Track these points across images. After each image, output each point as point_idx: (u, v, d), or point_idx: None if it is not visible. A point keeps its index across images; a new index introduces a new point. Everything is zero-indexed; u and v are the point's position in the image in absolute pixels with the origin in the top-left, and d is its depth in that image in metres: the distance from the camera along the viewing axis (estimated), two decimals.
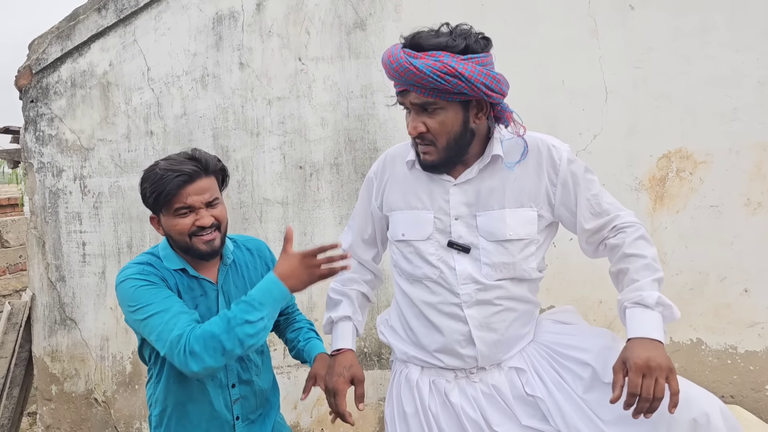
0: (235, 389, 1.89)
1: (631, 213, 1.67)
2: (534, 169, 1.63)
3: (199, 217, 1.75)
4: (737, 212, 2.62)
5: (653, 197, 2.72)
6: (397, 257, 1.75)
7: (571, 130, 2.78)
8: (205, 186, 1.77)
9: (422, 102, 1.52)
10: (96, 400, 3.59)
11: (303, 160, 3.16)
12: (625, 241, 1.59)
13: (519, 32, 2.82)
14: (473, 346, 1.61)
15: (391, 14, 2.98)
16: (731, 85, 2.59)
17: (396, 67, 1.48)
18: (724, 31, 2.58)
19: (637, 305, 1.50)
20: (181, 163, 1.75)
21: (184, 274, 1.84)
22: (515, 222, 1.60)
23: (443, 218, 1.65)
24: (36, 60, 3.52)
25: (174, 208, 1.74)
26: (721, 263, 2.65)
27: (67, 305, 3.57)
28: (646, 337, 1.43)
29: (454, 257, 1.63)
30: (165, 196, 1.72)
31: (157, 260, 1.82)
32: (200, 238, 1.76)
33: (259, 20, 3.17)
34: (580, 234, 1.68)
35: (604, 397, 1.49)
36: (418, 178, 1.70)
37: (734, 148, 2.61)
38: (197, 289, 1.85)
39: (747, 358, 2.65)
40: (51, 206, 3.56)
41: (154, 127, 3.37)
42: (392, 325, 1.81)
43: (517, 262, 1.60)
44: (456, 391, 1.65)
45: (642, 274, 1.54)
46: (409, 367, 1.73)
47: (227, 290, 1.89)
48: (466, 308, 1.61)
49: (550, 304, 2.86)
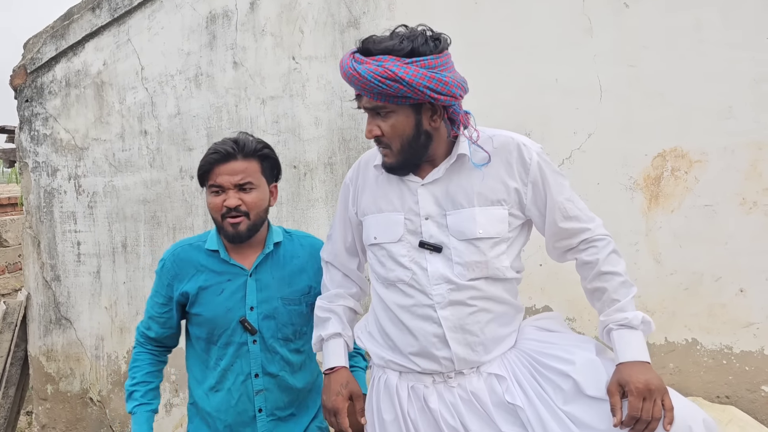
0: (258, 379, 1.89)
1: (600, 223, 1.68)
2: (504, 168, 1.63)
3: (227, 197, 1.80)
4: (732, 212, 2.60)
5: (648, 196, 2.70)
6: (372, 261, 1.74)
7: (564, 129, 2.76)
8: (239, 168, 1.80)
9: (373, 106, 1.54)
10: (91, 399, 3.59)
11: (297, 159, 3.15)
12: (599, 258, 1.61)
13: (512, 30, 2.80)
14: (448, 348, 1.59)
15: (384, 12, 2.96)
16: (726, 83, 2.56)
17: (343, 73, 1.53)
18: (719, 28, 2.55)
19: (623, 327, 1.55)
20: (223, 143, 1.82)
21: (217, 257, 1.91)
22: (485, 220, 1.60)
23: (413, 219, 1.64)
24: (31, 59, 3.52)
25: (209, 185, 1.83)
26: (716, 263, 2.63)
27: (62, 305, 3.57)
28: (637, 360, 1.49)
29: (426, 257, 1.62)
30: (202, 172, 1.83)
31: (199, 242, 1.96)
32: (228, 220, 1.81)
33: (253, 19, 3.16)
34: (548, 236, 1.69)
35: (586, 409, 1.49)
36: (389, 181, 1.70)
37: (729, 147, 2.58)
38: (226, 273, 1.90)
39: (742, 358, 2.63)
40: (46, 206, 3.56)
41: (148, 126, 3.36)
42: (369, 331, 1.79)
43: (489, 261, 1.59)
44: (435, 396, 1.62)
45: (621, 293, 1.58)
46: (387, 373, 1.71)
47: (260, 278, 1.91)
48: (440, 309, 1.59)
49: (545, 304, 2.84)
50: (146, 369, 1.98)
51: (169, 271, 1.94)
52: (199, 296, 1.89)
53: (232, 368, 1.88)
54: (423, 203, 1.64)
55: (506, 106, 2.81)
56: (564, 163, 2.77)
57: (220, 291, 1.88)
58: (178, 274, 1.92)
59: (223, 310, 1.87)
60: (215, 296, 1.88)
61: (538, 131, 2.79)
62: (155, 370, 2.00)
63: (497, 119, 2.80)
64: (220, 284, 1.89)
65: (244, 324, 1.86)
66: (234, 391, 1.88)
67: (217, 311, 1.87)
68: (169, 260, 1.95)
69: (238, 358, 1.88)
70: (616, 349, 1.54)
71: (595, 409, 1.48)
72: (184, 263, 1.92)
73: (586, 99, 2.72)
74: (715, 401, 2.67)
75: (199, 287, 1.89)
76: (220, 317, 1.87)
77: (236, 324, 1.87)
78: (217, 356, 1.90)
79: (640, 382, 1.44)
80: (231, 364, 1.88)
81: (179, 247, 1.97)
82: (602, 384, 1.49)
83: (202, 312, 1.89)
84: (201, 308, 1.89)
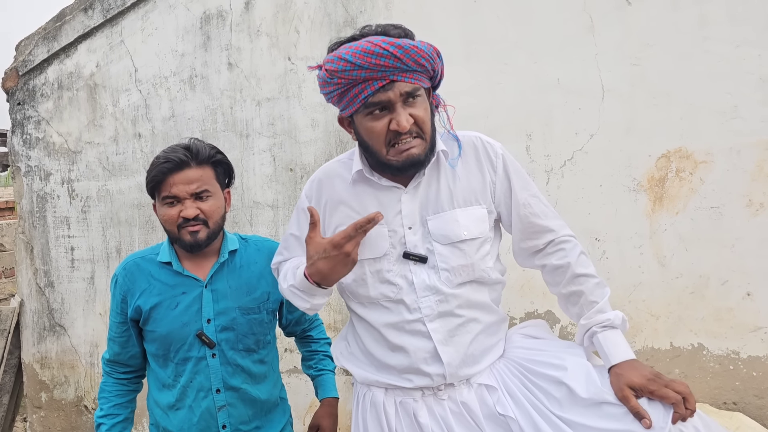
0: (220, 395, 1.81)
1: (564, 223, 1.65)
2: (475, 166, 1.59)
3: (183, 208, 1.73)
4: (739, 213, 2.54)
5: (652, 198, 2.63)
6: (348, 281, 1.61)
7: (567, 129, 2.70)
8: (194, 176, 1.72)
9: (411, 89, 1.44)
10: (86, 407, 3.53)
11: (293, 162, 3.09)
12: (570, 262, 1.59)
13: (513, 29, 2.74)
14: (440, 363, 1.52)
15: (382, 12, 2.90)
16: (732, 82, 2.50)
17: (392, 51, 1.38)
18: (725, 25, 2.49)
19: (606, 328, 1.53)
20: (173, 151, 1.73)
21: (169, 270, 1.82)
22: (468, 221, 1.55)
23: (397, 230, 1.55)
24: (23, 62, 3.46)
25: (162, 196, 1.74)
26: (722, 266, 2.57)
27: (56, 311, 3.51)
28: (628, 359, 1.48)
29: (410, 269, 1.54)
30: (153, 183, 1.74)
31: (151, 254, 1.87)
32: (186, 229, 1.74)
33: (248, 19, 3.10)
34: (514, 235, 1.66)
35: (583, 412, 1.43)
36: (363, 193, 1.58)
37: (735, 148, 2.52)
38: (179, 286, 1.81)
39: (750, 363, 2.57)
40: (39, 210, 3.50)
41: (142, 129, 3.30)
42: (351, 352, 1.69)
43: (474, 263, 1.54)
44: (424, 410, 1.55)
45: (597, 294, 1.57)
46: (373, 390, 1.63)
47: (216, 288, 1.83)
48: (429, 322, 1.53)
49: (547, 308, 2.78)
50: (114, 401, 1.89)
51: (122, 286, 1.84)
52: (153, 312, 1.80)
53: (192, 384, 1.80)
54: (406, 211, 1.55)
55: (507, 106, 2.75)
56: (566, 165, 2.71)
57: (175, 305, 1.79)
58: (130, 289, 1.82)
59: (178, 324, 1.78)
60: (170, 310, 1.79)
61: (539, 132, 2.73)
62: (124, 401, 1.91)
63: (498, 120, 2.75)
64: (174, 297, 1.80)
65: (202, 338, 1.78)
66: (195, 408, 1.80)
67: (172, 326, 1.78)
68: (120, 275, 1.85)
69: (197, 374, 1.80)
70: (605, 351, 1.51)
71: (593, 411, 1.43)
72: (135, 277, 1.83)
73: (589, 99, 2.66)
74: (722, 408, 2.61)
75: (152, 302, 1.80)
76: (176, 332, 1.78)
77: (193, 338, 1.78)
78: (175, 373, 1.81)
79: (649, 377, 1.41)
80: (190, 381, 1.80)
81: (130, 261, 1.87)
82: (596, 387, 1.45)
83: (156, 328, 1.80)
84: (155, 324, 1.80)
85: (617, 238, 2.67)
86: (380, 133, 1.46)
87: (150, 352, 1.86)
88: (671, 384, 1.39)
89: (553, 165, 2.72)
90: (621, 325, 1.54)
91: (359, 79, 1.41)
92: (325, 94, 1.52)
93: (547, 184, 2.72)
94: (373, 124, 1.46)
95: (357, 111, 1.48)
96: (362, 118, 1.48)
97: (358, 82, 1.42)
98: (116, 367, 1.91)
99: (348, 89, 1.45)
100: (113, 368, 1.92)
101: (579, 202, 2.70)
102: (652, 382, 1.39)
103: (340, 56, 1.41)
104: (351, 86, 1.44)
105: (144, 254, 1.88)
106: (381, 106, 1.44)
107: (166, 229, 1.78)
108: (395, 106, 1.44)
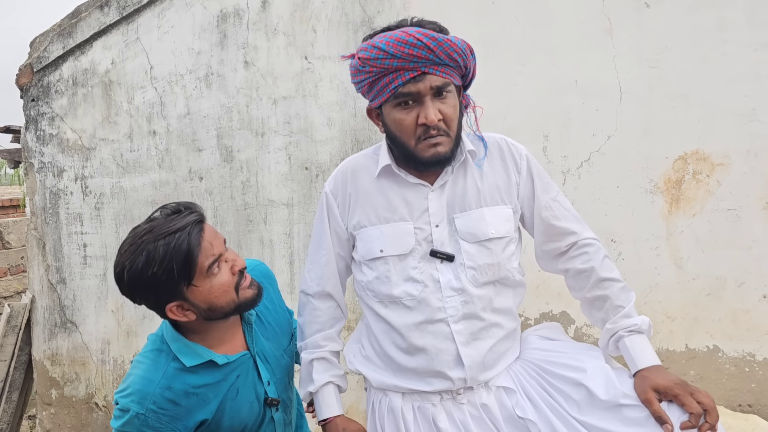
0: None
1: (587, 226, 1.65)
2: (501, 166, 1.60)
3: (231, 263, 1.47)
4: (756, 215, 2.55)
5: (669, 200, 2.64)
6: (370, 279, 1.58)
7: (584, 131, 2.71)
8: (213, 229, 1.49)
9: (442, 83, 1.43)
10: (97, 404, 3.52)
11: (309, 160, 3.09)
12: (594, 266, 1.58)
13: (531, 31, 2.75)
14: (461, 366, 1.50)
15: (399, 11, 2.91)
16: (750, 85, 2.51)
17: (426, 43, 1.37)
18: (743, 28, 2.50)
19: (633, 333, 1.52)
20: (172, 221, 1.40)
21: (210, 367, 1.50)
22: (495, 219, 1.54)
23: (424, 227, 1.54)
24: (37, 58, 3.47)
25: (206, 267, 1.40)
26: (739, 268, 2.57)
27: (68, 308, 3.51)
28: (654, 365, 1.46)
29: (437, 267, 1.53)
30: (191, 260, 1.37)
31: (169, 365, 1.46)
32: (243, 284, 1.49)
33: (265, 18, 3.11)
34: (536, 238, 1.66)
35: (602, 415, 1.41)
36: (389, 188, 1.57)
37: (752, 150, 2.53)
38: (231, 374, 1.55)
39: (766, 366, 2.57)
40: (51, 207, 3.50)
41: (157, 126, 3.31)
42: (366, 355, 1.66)
43: (501, 262, 1.54)
44: (443, 415, 1.53)
45: (623, 299, 1.56)
46: (390, 396, 1.60)
47: (261, 351, 1.64)
48: (453, 323, 1.51)
49: (562, 309, 2.79)
50: None
51: (159, 421, 1.43)
52: (218, 414, 1.53)
53: None
54: (434, 209, 1.54)
55: (524, 107, 2.76)
56: (582, 166, 2.72)
57: (236, 393, 1.56)
58: (175, 415, 1.46)
59: (246, 406, 1.57)
60: (233, 402, 1.55)
61: (556, 133, 2.73)
62: None
63: (515, 120, 2.76)
64: (232, 387, 1.55)
65: (271, 402, 1.63)
66: None
67: (242, 413, 1.56)
68: (152, 412, 1.42)
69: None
70: (631, 355, 1.49)
71: (612, 413, 1.41)
72: (177, 401, 1.45)
73: (606, 100, 2.67)
74: (737, 410, 2.61)
75: (211, 410, 1.51)
76: (246, 415, 1.57)
77: (262, 409, 1.62)
78: None
79: (676, 381, 1.39)
80: None
81: (155, 391, 1.43)
82: (615, 389, 1.43)
83: (223, 424, 1.54)
84: (222, 422, 1.54)
85: (634, 240, 2.68)
86: (409, 125, 1.46)
87: None
88: (696, 393, 1.37)
89: (570, 166, 2.73)
90: (647, 330, 1.53)
91: (391, 68, 1.41)
92: (356, 83, 1.52)
93: (563, 185, 2.73)
94: (402, 116, 1.46)
95: (386, 101, 1.47)
96: (391, 109, 1.48)
97: (390, 72, 1.42)
98: None
99: (379, 78, 1.45)
100: None
101: (595, 203, 2.70)
102: (678, 386, 1.38)
103: (373, 44, 1.42)
104: (382, 75, 1.44)
105: (161, 373, 1.46)
106: (411, 97, 1.44)
107: (219, 306, 1.46)
108: (424, 99, 1.43)
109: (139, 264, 1.35)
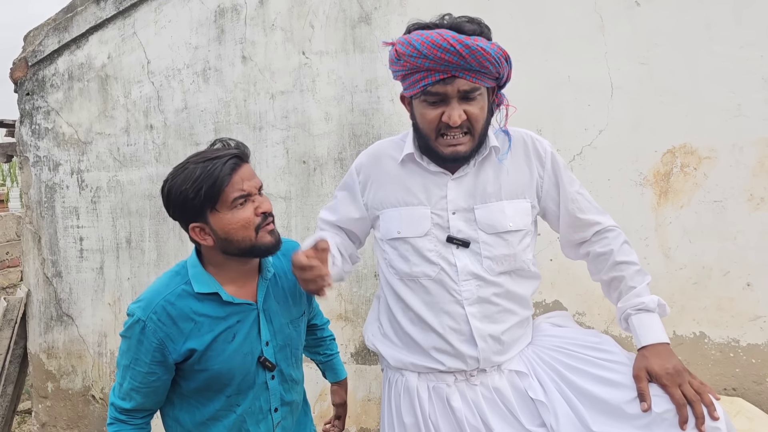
0: (277, 413, 1.70)
1: (609, 216, 1.74)
2: (524, 161, 1.66)
3: (258, 204, 1.53)
4: (740, 207, 2.65)
5: (658, 192, 2.74)
6: (392, 256, 1.67)
7: (576, 125, 2.79)
8: (252, 171, 1.57)
9: (470, 88, 1.49)
10: (93, 397, 3.54)
11: (306, 154, 3.14)
12: (613, 249, 1.67)
13: (525, 27, 2.82)
14: (474, 346, 1.58)
15: (396, 8, 2.97)
16: (736, 82, 2.61)
17: (458, 49, 1.42)
18: (730, 27, 2.60)
19: (640, 311, 1.60)
20: (217, 152, 1.53)
21: (215, 300, 1.58)
22: (514, 213, 1.62)
23: (441, 213, 1.62)
24: (32, 52, 3.47)
25: (231, 198, 1.49)
26: (724, 258, 2.68)
27: (64, 301, 3.52)
28: (658, 342, 1.53)
29: (453, 252, 1.60)
30: (218, 187, 1.47)
31: (180, 286, 1.57)
32: (265, 228, 1.54)
33: (263, 13, 3.15)
34: (562, 229, 1.73)
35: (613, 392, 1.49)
36: (411, 174, 1.66)
37: (738, 144, 2.63)
38: (232, 315, 1.60)
39: (749, 351, 2.68)
40: (47, 201, 3.51)
41: (154, 120, 3.33)
42: (384, 333, 1.73)
43: (517, 254, 1.61)
44: (457, 395, 1.60)
45: (636, 280, 1.64)
46: (406, 375, 1.67)
47: (268, 308, 1.66)
48: (468, 306, 1.59)
49: (555, 299, 2.87)
50: None
51: (156, 332, 1.53)
52: (208, 350, 1.57)
53: (250, 410, 1.65)
54: (452, 197, 1.62)
55: (518, 102, 2.77)
56: (575, 159, 2.80)
57: (231, 337, 1.59)
58: (170, 333, 1.54)
59: (239, 356, 1.60)
60: (226, 344, 1.59)
61: (549, 127, 2.81)
62: None
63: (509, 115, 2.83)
64: (230, 329, 1.59)
65: (266, 363, 1.64)
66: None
67: (232, 359, 1.59)
68: (150, 320, 1.53)
69: (257, 399, 1.66)
70: (636, 333, 1.58)
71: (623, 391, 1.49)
72: (175, 319, 1.54)
73: (598, 96, 2.76)
74: (722, 393, 2.72)
75: (206, 341, 1.56)
76: (237, 364, 1.60)
77: (255, 366, 1.63)
78: (229, 404, 1.63)
79: (669, 371, 1.46)
80: (249, 407, 1.65)
81: (159, 303, 1.54)
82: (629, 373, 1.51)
83: (211, 365, 1.58)
84: (210, 362, 1.58)
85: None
86: (432, 121, 1.53)
87: (190, 388, 1.63)
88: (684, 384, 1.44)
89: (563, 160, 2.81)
90: (657, 308, 1.60)
91: (422, 68, 1.48)
92: (392, 71, 1.60)
93: None
94: (427, 111, 1.54)
95: (416, 96, 1.55)
96: (419, 103, 1.56)
97: (421, 70, 1.48)
98: (134, 414, 1.63)
99: (411, 73, 1.52)
100: (131, 416, 1.63)
101: None
102: (667, 376, 1.45)
103: (410, 41, 1.47)
104: (414, 71, 1.50)
105: (170, 289, 1.57)
106: (438, 97, 1.51)
107: (237, 240, 1.52)
108: (451, 101, 1.50)
109: (178, 180, 1.50)
